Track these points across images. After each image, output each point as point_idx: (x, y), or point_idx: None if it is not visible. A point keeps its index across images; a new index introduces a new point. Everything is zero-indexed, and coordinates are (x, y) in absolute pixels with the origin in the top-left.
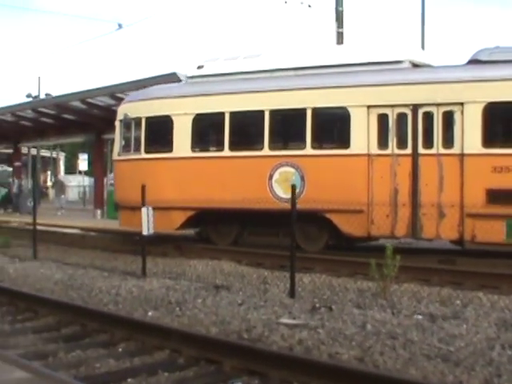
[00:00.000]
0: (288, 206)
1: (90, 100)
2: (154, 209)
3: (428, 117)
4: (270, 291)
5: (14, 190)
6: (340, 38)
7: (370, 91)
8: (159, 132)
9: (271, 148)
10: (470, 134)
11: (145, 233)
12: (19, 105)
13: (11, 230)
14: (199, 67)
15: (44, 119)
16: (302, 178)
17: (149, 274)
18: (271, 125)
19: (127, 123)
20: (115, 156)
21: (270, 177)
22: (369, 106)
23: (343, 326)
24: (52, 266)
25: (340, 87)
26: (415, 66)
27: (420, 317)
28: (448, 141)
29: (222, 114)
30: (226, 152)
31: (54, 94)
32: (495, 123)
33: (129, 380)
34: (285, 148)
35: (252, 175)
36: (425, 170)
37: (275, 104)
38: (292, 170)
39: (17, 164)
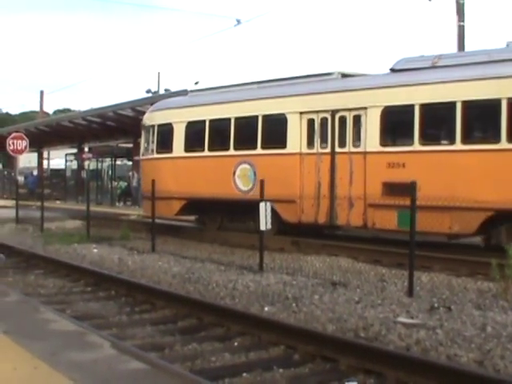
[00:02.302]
0: (246, 196)
1: None
2: (158, 198)
3: (343, 120)
4: (388, 289)
5: (134, 183)
6: (461, 32)
7: (301, 100)
8: (165, 136)
9: (235, 149)
10: (371, 134)
11: (262, 228)
12: (139, 100)
13: (130, 222)
14: (196, 83)
15: None
16: (255, 174)
17: (266, 269)
18: (235, 129)
19: (147, 130)
20: (141, 156)
21: (234, 173)
22: (301, 113)
23: (462, 328)
24: (170, 258)
25: (280, 97)
26: (345, 76)
27: None
28: (356, 140)
29: (204, 121)
30: (206, 152)
31: (173, 89)
32: (390, 124)
33: (244, 375)
34: (244, 148)
35: (222, 171)
36: (340, 166)
37: (238, 112)
38: (248, 166)
39: (136, 158)
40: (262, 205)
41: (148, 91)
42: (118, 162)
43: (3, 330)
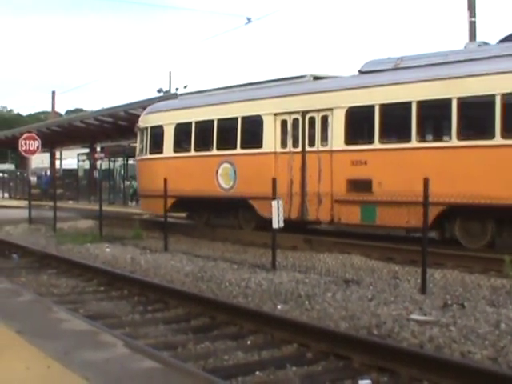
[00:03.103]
0: (227, 194)
1: None
2: (151, 196)
3: (312, 121)
4: (401, 286)
5: None
6: (472, 28)
7: (275, 101)
8: (157, 138)
9: (218, 149)
10: (337, 133)
11: (275, 226)
12: (150, 99)
13: (142, 222)
14: (185, 87)
15: None
16: (235, 172)
17: (278, 267)
18: (218, 130)
19: (141, 132)
20: (136, 157)
21: (217, 171)
22: (275, 114)
23: (476, 324)
24: (182, 257)
25: (257, 99)
26: (316, 78)
27: None
28: (324, 140)
29: (191, 123)
30: (192, 153)
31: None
32: (354, 124)
33: (257, 373)
34: (226, 148)
35: (207, 170)
36: (310, 164)
37: (220, 114)
38: (229, 165)
39: None
40: (274, 203)
41: (159, 90)
42: (130, 162)
43: (16, 330)
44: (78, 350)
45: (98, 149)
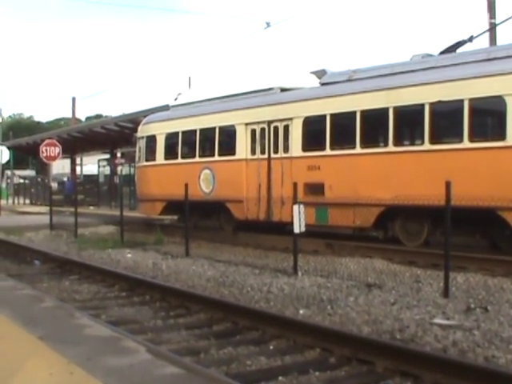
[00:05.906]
0: (208, 197)
1: None
2: (147, 200)
3: (276, 130)
4: (423, 290)
5: None
6: (492, 29)
7: (247, 112)
8: (151, 146)
9: (200, 156)
10: (296, 141)
11: (296, 231)
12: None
13: (164, 227)
14: (175, 99)
15: None
16: (214, 178)
17: (300, 272)
18: (200, 139)
19: (138, 141)
20: (135, 164)
21: (199, 177)
22: (246, 124)
23: (500, 328)
24: (204, 262)
25: (231, 110)
26: (283, 90)
27: None
28: (286, 147)
29: (178, 133)
30: (179, 160)
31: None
32: (310, 132)
33: (280, 378)
34: (206, 156)
35: (191, 176)
36: (274, 170)
37: (202, 124)
38: (209, 171)
39: None
40: (295, 207)
41: (178, 95)
42: None
43: (39, 336)
44: (101, 356)
45: (119, 154)
